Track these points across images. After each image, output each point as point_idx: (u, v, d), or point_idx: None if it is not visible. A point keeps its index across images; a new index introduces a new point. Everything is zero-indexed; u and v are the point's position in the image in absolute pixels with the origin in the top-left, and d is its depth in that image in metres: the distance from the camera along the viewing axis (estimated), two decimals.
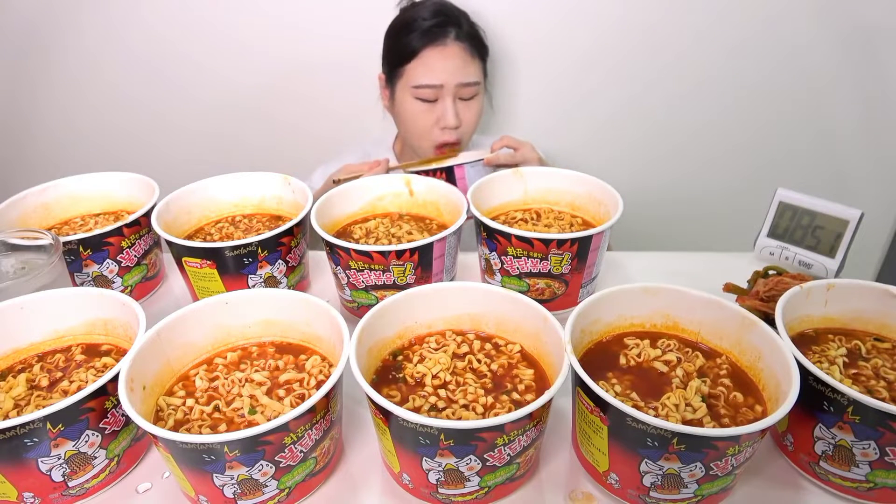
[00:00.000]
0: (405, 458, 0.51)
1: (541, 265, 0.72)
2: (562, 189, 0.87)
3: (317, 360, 0.60)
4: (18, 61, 1.38)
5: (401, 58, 1.13)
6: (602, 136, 1.38)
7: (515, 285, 0.75)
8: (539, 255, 0.71)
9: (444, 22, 1.11)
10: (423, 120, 1.14)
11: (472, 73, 1.13)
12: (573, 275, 0.74)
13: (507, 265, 0.74)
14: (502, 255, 0.74)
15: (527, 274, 0.74)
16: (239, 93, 1.39)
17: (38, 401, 0.56)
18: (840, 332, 0.63)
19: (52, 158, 1.50)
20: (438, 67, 1.10)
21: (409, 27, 1.12)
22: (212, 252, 0.71)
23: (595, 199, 0.83)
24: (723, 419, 0.53)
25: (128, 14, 1.31)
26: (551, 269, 0.73)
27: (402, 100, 1.15)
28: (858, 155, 1.37)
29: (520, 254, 0.72)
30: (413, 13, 1.14)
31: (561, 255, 0.71)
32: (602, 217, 0.82)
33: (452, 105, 1.12)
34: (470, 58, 1.12)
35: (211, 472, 0.48)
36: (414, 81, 1.11)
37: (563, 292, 0.76)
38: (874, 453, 0.50)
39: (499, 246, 0.73)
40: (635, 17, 1.26)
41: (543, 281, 0.74)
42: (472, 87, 1.13)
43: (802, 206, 0.82)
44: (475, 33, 1.15)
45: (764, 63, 1.29)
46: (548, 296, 0.76)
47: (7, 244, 0.70)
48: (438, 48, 1.10)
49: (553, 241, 0.70)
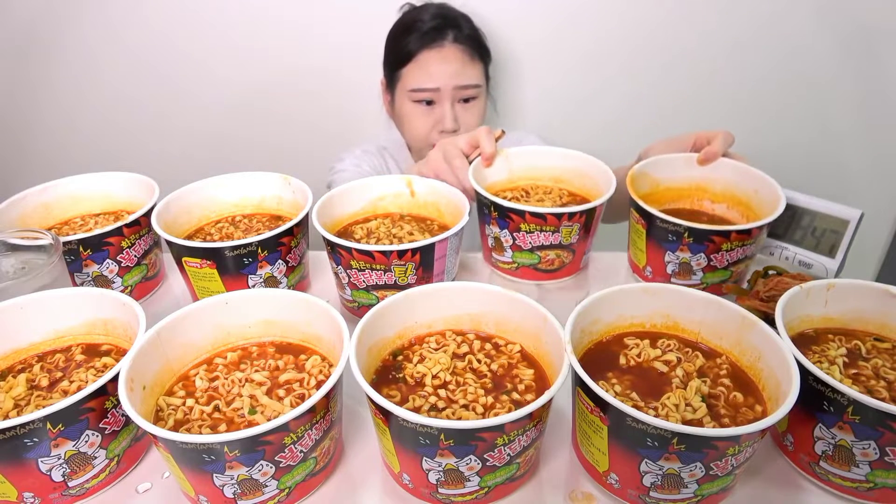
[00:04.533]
0: (405, 458, 0.51)
1: (552, 237, 0.78)
2: (545, 165, 0.92)
3: (317, 360, 0.60)
4: (19, 61, 1.38)
5: (399, 61, 1.12)
6: (606, 136, 1.38)
7: (527, 258, 0.80)
8: (552, 228, 0.77)
9: (442, 24, 1.10)
10: (421, 123, 1.13)
11: (471, 75, 1.11)
12: (580, 243, 0.80)
13: (519, 241, 0.79)
14: (514, 231, 0.78)
15: (539, 247, 0.79)
16: (239, 93, 1.39)
17: (38, 401, 0.56)
18: (840, 332, 0.63)
19: (52, 158, 1.50)
20: (435, 70, 1.09)
21: (408, 30, 1.12)
22: (212, 252, 0.71)
23: (579, 171, 0.89)
24: (723, 419, 0.53)
25: (128, 14, 1.31)
26: (562, 241, 0.78)
27: (401, 103, 1.14)
28: (858, 155, 1.37)
29: (533, 229, 0.77)
30: (413, 16, 1.14)
31: (571, 227, 0.77)
32: (589, 187, 0.88)
33: (451, 108, 1.10)
34: (469, 60, 1.11)
35: (211, 472, 0.48)
36: (411, 85, 1.10)
37: (571, 261, 0.82)
38: (874, 453, 0.50)
39: (511, 223, 0.78)
40: (637, 18, 1.26)
41: (554, 252, 0.80)
42: (472, 90, 1.12)
43: (802, 206, 0.82)
44: (475, 36, 1.14)
45: (764, 63, 1.29)
46: (557, 265, 0.81)
47: (7, 244, 0.70)
48: (436, 50, 1.09)
49: (565, 214, 0.75)
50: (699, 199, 0.88)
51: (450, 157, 0.85)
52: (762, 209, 0.75)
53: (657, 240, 0.77)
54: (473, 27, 1.14)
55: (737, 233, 0.72)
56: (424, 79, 1.09)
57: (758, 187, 0.81)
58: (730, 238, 0.72)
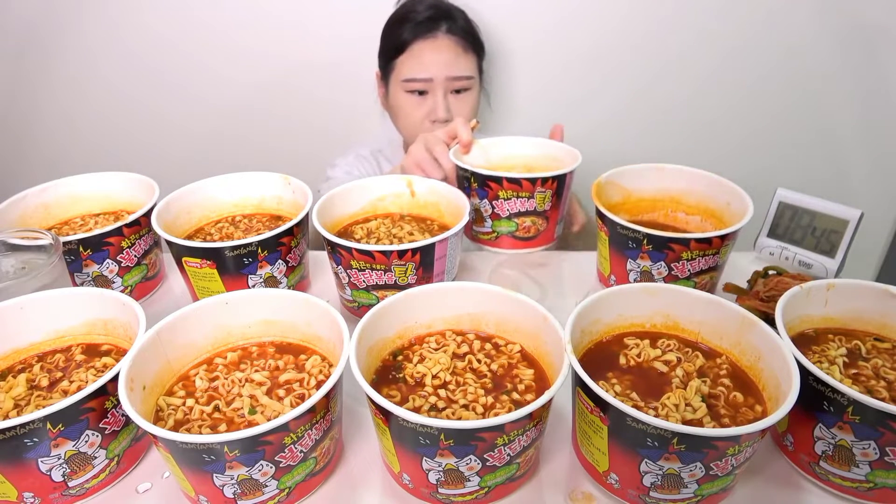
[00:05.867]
0: (405, 458, 0.51)
1: (528, 203, 0.85)
2: (518, 154, 0.98)
3: (317, 360, 0.60)
4: (18, 61, 1.38)
5: (393, 51, 1.13)
6: (601, 135, 1.38)
7: (506, 226, 0.88)
8: (527, 194, 0.84)
9: (436, 15, 1.11)
10: (414, 113, 1.14)
11: (463, 66, 1.12)
12: (552, 211, 0.87)
13: (497, 209, 0.87)
14: (493, 199, 0.86)
15: (516, 214, 0.86)
16: (239, 93, 1.39)
17: (38, 401, 0.56)
18: (840, 332, 0.63)
19: (52, 158, 1.50)
20: (428, 60, 1.10)
21: (402, 20, 1.13)
22: (212, 252, 0.71)
23: (550, 156, 0.96)
24: (723, 419, 0.53)
25: (128, 14, 1.31)
26: (536, 207, 0.86)
27: (395, 94, 1.15)
28: (858, 155, 1.37)
29: (510, 195, 0.84)
30: (408, 7, 1.15)
31: (544, 193, 0.84)
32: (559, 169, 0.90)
33: (444, 99, 1.11)
34: (462, 52, 1.12)
35: (211, 472, 0.48)
36: (405, 75, 1.11)
37: (545, 228, 0.89)
38: (874, 453, 0.50)
39: (490, 192, 0.85)
40: (635, 16, 1.26)
41: (529, 219, 0.87)
42: (464, 81, 1.12)
43: (802, 206, 0.82)
44: (469, 28, 1.15)
45: (764, 63, 1.29)
46: (533, 233, 0.89)
47: (7, 244, 0.70)
48: (429, 41, 1.10)
49: (538, 179, 0.83)
50: (673, 211, 0.88)
51: (431, 145, 0.91)
52: (734, 222, 0.74)
53: (618, 247, 0.76)
54: (467, 20, 1.16)
55: (696, 241, 0.71)
56: (418, 69, 1.10)
57: (730, 200, 0.81)
58: (689, 247, 0.71)
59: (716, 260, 0.74)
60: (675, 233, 0.72)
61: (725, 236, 0.72)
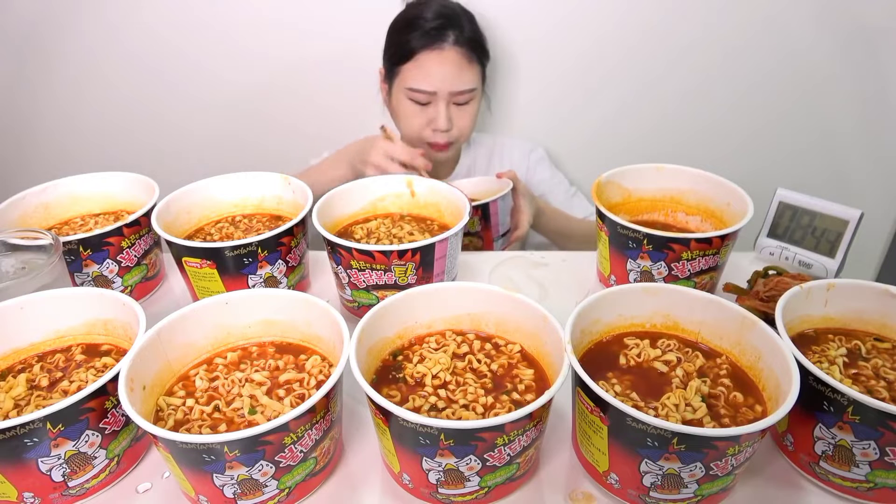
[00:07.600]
0: (405, 458, 0.51)
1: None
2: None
3: (317, 360, 0.60)
4: (18, 62, 1.37)
5: (399, 56, 1.13)
6: (602, 137, 1.38)
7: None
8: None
9: (444, 24, 1.10)
10: (416, 120, 1.14)
11: (468, 80, 1.12)
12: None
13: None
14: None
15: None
16: (239, 93, 1.39)
17: (38, 401, 0.56)
18: (840, 332, 0.63)
19: (52, 158, 1.50)
20: (433, 73, 1.09)
21: (410, 26, 1.12)
22: (212, 252, 0.71)
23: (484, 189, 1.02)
24: (723, 419, 0.53)
25: (128, 14, 1.31)
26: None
27: (398, 99, 1.15)
28: (858, 155, 1.37)
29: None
30: (417, 11, 1.13)
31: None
32: None
33: (445, 109, 1.11)
34: (467, 63, 1.11)
35: (211, 472, 0.48)
36: (409, 83, 1.11)
37: None
38: (874, 453, 0.50)
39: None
40: (635, 18, 1.26)
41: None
42: (467, 94, 1.12)
43: (802, 206, 0.82)
44: (476, 37, 1.14)
45: (764, 63, 1.29)
46: None
47: (7, 244, 0.70)
48: (436, 52, 1.09)
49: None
50: (673, 212, 0.88)
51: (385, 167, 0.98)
52: (734, 222, 0.74)
53: (618, 247, 0.76)
54: (475, 27, 1.14)
55: (696, 241, 0.71)
56: (422, 80, 1.10)
57: (730, 200, 0.81)
58: (689, 247, 0.71)
59: (716, 260, 0.73)
60: (675, 233, 0.72)
61: (725, 236, 0.72)
